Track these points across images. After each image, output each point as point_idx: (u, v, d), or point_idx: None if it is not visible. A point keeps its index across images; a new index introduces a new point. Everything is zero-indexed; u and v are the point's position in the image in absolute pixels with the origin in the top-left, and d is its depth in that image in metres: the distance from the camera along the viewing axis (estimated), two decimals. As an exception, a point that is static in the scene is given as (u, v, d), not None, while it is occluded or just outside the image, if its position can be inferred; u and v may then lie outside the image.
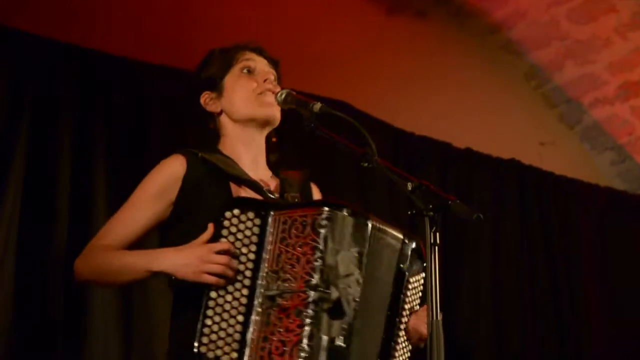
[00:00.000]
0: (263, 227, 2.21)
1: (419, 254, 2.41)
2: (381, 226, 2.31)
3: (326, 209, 2.19)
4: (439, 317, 2.01)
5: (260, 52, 2.57)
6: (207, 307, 2.16)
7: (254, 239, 2.21)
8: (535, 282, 4.99)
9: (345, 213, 2.21)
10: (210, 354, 2.13)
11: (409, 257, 2.39)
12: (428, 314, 2.00)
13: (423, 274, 2.43)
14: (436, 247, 2.05)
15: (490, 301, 4.79)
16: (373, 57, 4.83)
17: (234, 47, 2.56)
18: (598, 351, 5.11)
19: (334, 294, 2.15)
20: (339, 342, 2.15)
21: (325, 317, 2.14)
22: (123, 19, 4.09)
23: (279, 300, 2.16)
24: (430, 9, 5.16)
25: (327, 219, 2.18)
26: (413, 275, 2.42)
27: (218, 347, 2.14)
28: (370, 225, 2.25)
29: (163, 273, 2.27)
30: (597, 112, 5.59)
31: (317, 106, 2.29)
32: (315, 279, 2.14)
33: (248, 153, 2.51)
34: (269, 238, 2.21)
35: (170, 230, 2.40)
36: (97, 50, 3.82)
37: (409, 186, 2.14)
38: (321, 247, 2.16)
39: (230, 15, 4.20)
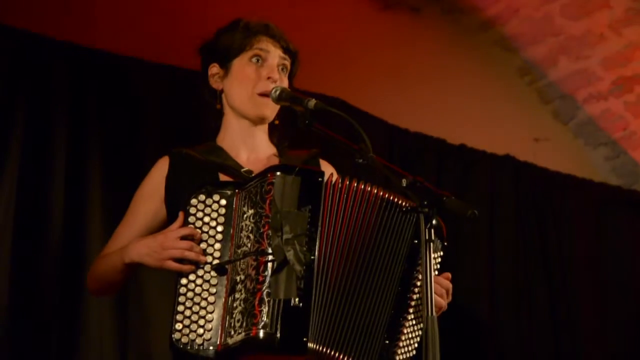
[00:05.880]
0: (229, 207, 2.25)
1: (438, 233, 2.27)
2: (389, 197, 2.27)
3: (270, 174, 2.21)
4: (434, 312, 2.00)
5: (278, 39, 2.54)
6: (179, 294, 2.20)
7: (221, 219, 2.25)
8: (530, 277, 4.99)
9: (291, 174, 2.20)
10: (185, 339, 2.17)
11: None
12: (423, 309, 2.00)
13: (441, 253, 2.36)
14: (431, 244, 2.06)
15: (485, 296, 4.79)
16: (367, 53, 4.82)
17: (255, 28, 2.54)
18: (592, 346, 5.11)
19: (279, 255, 2.13)
20: (295, 302, 2.13)
21: (275, 280, 2.13)
22: (118, 16, 4.08)
23: (239, 274, 2.18)
24: (425, 5, 5.15)
25: (272, 183, 2.19)
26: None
27: (192, 331, 2.17)
28: (326, 181, 2.24)
29: (134, 263, 2.32)
30: (591, 108, 5.59)
31: (312, 102, 2.27)
32: (263, 245, 2.16)
33: (245, 137, 2.54)
34: (234, 216, 2.24)
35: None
36: (91, 48, 3.81)
37: (404, 182, 2.14)
38: (266, 212, 2.17)
39: (223, 12, 4.18)
